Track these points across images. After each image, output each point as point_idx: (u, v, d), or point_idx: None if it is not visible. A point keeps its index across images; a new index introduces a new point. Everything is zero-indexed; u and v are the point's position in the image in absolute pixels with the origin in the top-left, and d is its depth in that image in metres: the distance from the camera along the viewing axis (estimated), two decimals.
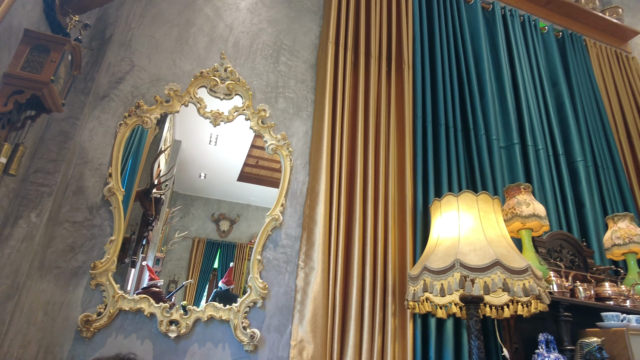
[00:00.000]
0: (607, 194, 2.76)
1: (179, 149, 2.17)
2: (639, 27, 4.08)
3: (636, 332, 1.78)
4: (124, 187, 1.82)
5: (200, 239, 2.07)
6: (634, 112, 3.29)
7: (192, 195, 2.14)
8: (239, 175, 2.22)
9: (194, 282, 1.97)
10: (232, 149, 2.19)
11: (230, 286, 2.01)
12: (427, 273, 1.61)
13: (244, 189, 2.21)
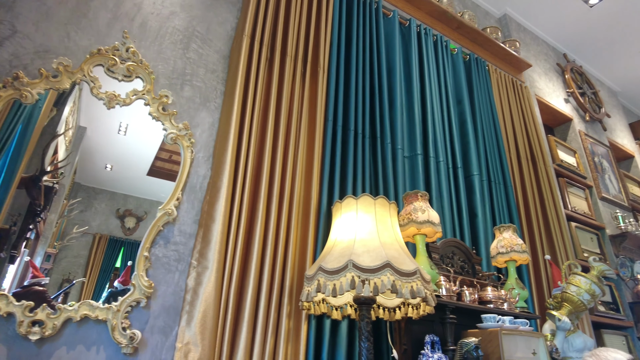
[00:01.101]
0: (497, 206, 3.01)
1: (84, 136, 1.95)
2: (531, 60, 4.57)
3: (508, 332, 1.93)
4: (2, 171, 1.58)
5: (102, 235, 1.86)
6: (523, 136, 3.65)
7: (96, 187, 1.92)
8: (150, 170, 2.05)
9: (90, 282, 1.76)
10: (144, 140, 2.02)
11: (127, 286, 1.83)
12: (321, 273, 1.59)
13: (154, 184, 2.04)
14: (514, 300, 2.36)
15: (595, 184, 4.36)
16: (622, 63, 5.80)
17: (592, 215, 4.10)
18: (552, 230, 3.32)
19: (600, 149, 4.86)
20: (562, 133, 4.75)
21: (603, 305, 3.59)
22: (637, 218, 4.74)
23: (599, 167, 4.60)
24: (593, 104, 5.19)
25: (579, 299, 2.58)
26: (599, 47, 5.49)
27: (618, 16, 5.03)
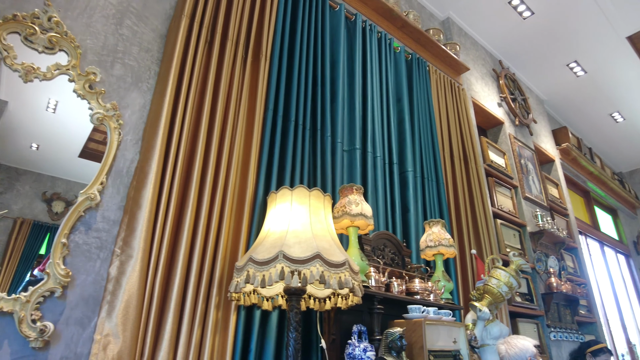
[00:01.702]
0: (429, 202, 3.15)
1: (4, 110, 1.76)
2: (470, 64, 4.79)
3: (431, 322, 2.03)
4: None
5: (25, 219, 1.69)
6: (458, 136, 3.83)
7: (19, 168, 1.75)
8: (82, 151, 1.89)
9: (8, 270, 1.60)
10: (76, 120, 1.86)
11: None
12: (251, 264, 1.58)
13: (87, 166, 1.88)
14: (440, 291, 2.48)
15: (521, 185, 4.69)
16: (549, 74, 6.26)
17: (516, 213, 4.42)
18: (479, 226, 3.53)
19: (527, 152, 5.23)
20: (494, 135, 5.05)
21: (520, 296, 3.88)
22: (553, 217, 5.17)
23: (525, 168, 4.96)
24: (522, 110, 5.57)
25: (498, 291, 2.77)
26: (530, 57, 5.87)
27: (547, 30, 5.41)
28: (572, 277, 4.95)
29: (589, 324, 5.03)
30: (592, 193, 7.57)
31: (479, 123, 4.90)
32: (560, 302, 4.42)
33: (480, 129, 5.00)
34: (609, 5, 5.09)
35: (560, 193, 5.75)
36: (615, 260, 7.80)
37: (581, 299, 4.83)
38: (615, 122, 7.52)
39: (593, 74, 6.29)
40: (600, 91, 6.70)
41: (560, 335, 4.20)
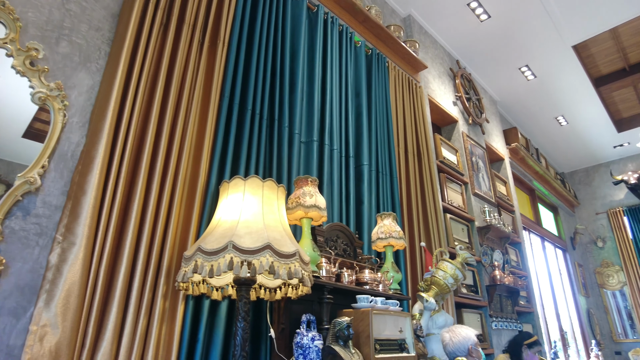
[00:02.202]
0: (382, 195, 3.22)
1: None
2: (428, 62, 4.92)
3: (379, 312, 2.10)
4: None
5: None
6: (413, 132, 3.94)
7: None
8: (26, 131, 1.77)
9: None
10: (20, 98, 1.73)
11: None
12: (200, 254, 1.56)
13: (31, 148, 1.77)
14: (389, 282, 2.56)
15: (471, 181, 4.89)
16: (503, 76, 6.54)
17: (465, 208, 4.61)
18: (429, 220, 3.65)
19: (478, 150, 5.45)
20: (448, 133, 5.23)
21: (466, 287, 4.07)
22: (500, 213, 5.44)
23: (475, 166, 5.17)
24: (476, 109, 5.79)
25: (444, 283, 2.89)
26: (486, 58, 6.10)
27: (503, 34, 5.63)
28: (515, 270, 5.25)
29: (527, 313, 5.37)
30: (537, 191, 8.03)
31: (434, 120, 5.06)
32: (502, 293, 4.68)
33: (435, 126, 5.16)
34: (557, 15, 5.37)
35: (508, 190, 6.06)
36: (554, 254, 8.34)
37: (521, 291, 5.14)
38: (559, 125, 7.99)
39: (542, 79, 6.63)
40: (547, 95, 7.08)
41: (501, 324, 4.46)
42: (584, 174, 9.94)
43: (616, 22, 5.60)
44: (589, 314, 8.56)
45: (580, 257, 9.28)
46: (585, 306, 8.56)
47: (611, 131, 8.27)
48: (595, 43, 6.24)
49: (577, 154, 9.30)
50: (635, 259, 8.70)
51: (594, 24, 5.59)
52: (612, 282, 9.05)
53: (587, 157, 9.47)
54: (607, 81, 6.95)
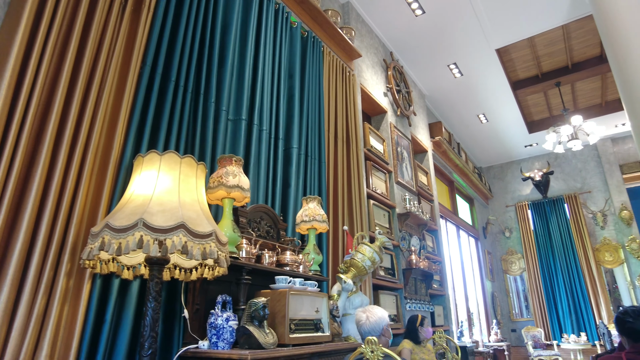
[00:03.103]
0: (310, 179, 3.26)
1: None
2: (363, 51, 5.00)
3: (296, 292, 2.14)
4: None
5: None
6: (343, 119, 4.00)
7: None
8: None
9: None
10: None
11: None
12: (107, 230, 1.47)
13: None
14: (309, 264, 2.61)
15: (395, 170, 5.10)
16: (432, 71, 6.84)
17: (388, 195, 4.81)
18: (354, 205, 3.77)
19: (404, 141, 5.69)
20: (377, 122, 5.39)
21: (383, 270, 4.28)
22: (420, 201, 5.76)
23: (400, 156, 5.40)
24: (405, 102, 6.01)
25: (362, 265, 3.01)
26: (418, 52, 6.34)
27: (435, 31, 5.87)
28: (430, 255, 5.61)
29: (439, 296, 5.78)
30: (456, 183, 8.59)
31: (364, 109, 5.18)
32: (417, 277, 4.98)
33: (365, 115, 5.29)
34: (485, 19, 5.71)
35: (429, 181, 6.41)
36: (467, 242, 9.02)
37: (435, 275, 5.51)
38: (480, 122, 8.58)
39: (468, 77, 7.04)
40: (471, 93, 7.55)
41: (415, 306, 4.76)
42: (499, 170, 10.80)
43: (533, 32, 6.09)
44: (493, 296, 9.43)
45: (490, 245, 10.15)
46: (491, 289, 9.40)
47: (523, 132, 9.05)
48: (515, 49, 6.73)
49: (494, 150, 10.07)
50: (534, 248, 9.70)
51: (515, 31, 6.02)
52: (514, 268, 10.04)
53: (502, 154, 10.29)
54: (523, 85, 7.56)
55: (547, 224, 9.71)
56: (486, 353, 6.97)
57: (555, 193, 9.78)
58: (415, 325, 3.33)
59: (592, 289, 8.78)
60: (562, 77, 7.27)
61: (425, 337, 3.37)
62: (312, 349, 2.08)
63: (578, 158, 9.77)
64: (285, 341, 1.98)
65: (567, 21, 5.89)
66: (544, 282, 9.41)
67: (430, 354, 3.32)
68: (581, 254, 9.06)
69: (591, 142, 7.21)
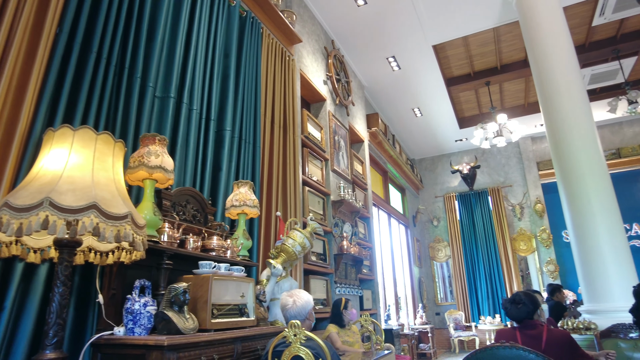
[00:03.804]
0: (243, 163, 3.20)
1: None
2: (304, 37, 4.97)
3: (220, 278, 2.11)
4: None
5: None
6: (281, 104, 3.97)
7: None
8: None
9: None
10: None
11: None
12: (6, 210, 1.34)
13: None
14: (237, 249, 2.58)
15: (331, 158, 5.17)
16: (372, 63, 6.96)
17: (323, 183, 4.87)
18: (288, 191, 3.77)
19: (342, 130, 5.77)
20: (316, 110, 5.41)
21: (315, 256, 4.35)
22: (354, 189, 5.90)
23: (337, 144, 5.47)
24: (344, 91, 6.08)
25: (293, 250, 3.03)
26: (359, 43, 6.41)
27: (376, 23, 5.97)
28: (361, 242, 5.79)
29: (368, 280, 5.99)
30: (390, 173, 8.89)
31: (303, 95, 5.17)
32: (348, 262, 5.12)
33: (304, 102, 5.29)
34: (424, 14, 5.89)
35: (364, 170, 6.58)
36: (398, 229, 9.42)
37: (365, 260, 5.70)
38: (415, 116, 8.91)
39: (405, 71, 7.26)
40: (408, 87, 7.80)
41: (344, 290, 4.89)
42: (430, 162, 11.33)
43: (468, 31, 6.39)
44: (420, 282, 9.95)
45: (419, 233, 10.66)
46: (418, 275, 9.92)
47: (454, 127, 9.54)
48: (451, 47, 7.04)
49: (426, 143, 10.53)
50: (459, 236, 10.35)
51: (452, 29, 6.29)
52: (441, 256, 10.65)
53: (434, 147, 10.80)
54: (456, 82, 7.94)
55: (472, 214, 10.38)
56: (411, 335, 7.37)
57: (481, 186, 10.46)
58: (339, 308, 3.42)
59: (508, 275, 9.56)
60: (491, 77, 7.73)
61: (350, 320, 3.49)
62: (235, 333, 2.07)
63: (502, 154, 10.50)
64: (206, 326, 1.95)
65: (497, 24, 6.24)
66: (466, 269, 10.08)
67: (354, 336, 3.44)
68: (500, 243, 9.80)
69: (513, 139, 7.77)
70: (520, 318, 2.37)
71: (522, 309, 2.37)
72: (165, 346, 1.59)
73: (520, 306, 2.38)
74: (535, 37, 5.07)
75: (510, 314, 2.40)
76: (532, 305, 2.37)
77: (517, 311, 2.37)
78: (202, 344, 1.84)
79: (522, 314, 2.36)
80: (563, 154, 4.53)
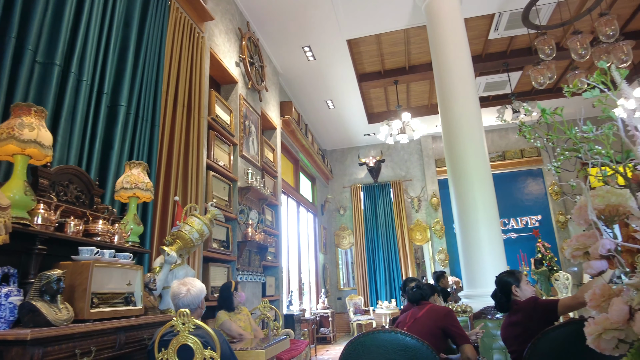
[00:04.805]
0: (139, 143, 2.99)
1: None
2: (217, 15, 4.77)
3: (103, 264, 1.96)
4: None
5: None
6: (186, 83, 3.78)
7: None
8: None
9: None
10: None
11: None
12: None
13: None
14: (126, 234, 2.42)
15: (240, 143, 5.07)
16: (288, 50, 6.93)
17: (230, 168, 4.77)
18: (190, 175, 3.62)
19: (253, 115, 5.68)
20: (226, 92, 5.25)
21: (217, 243, 4.25)
22: (263, 176, 5.86)
23: (248, 130, 5.38)
24: (258, 76, 5.98)
25: (189, 237, 2.93)
26: (276, 29, 6.33)
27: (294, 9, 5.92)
28: (268, 229, 5.79)
29: (273, 267, 6.03)
30: (301, 162, 8.99)
31: (214, 76, 4.99)
32: (252, 249, 5.09)
33: (214, 83, 5.10)
34: (340, 8, 5.99)
35: (275, 157, 6.56)
36: (306, 217, 9.60)
37: (270, 247, 5.72)
38: (328, 107, 9.09)
39: (320, 62, 7.34)
40: (322, 78, 7.91)
41: (246, 277, 4.87)
42: (340, 154, 11.68)
43: (381, 30, 6.64)
44: (324, 268, 10.28)
45: (326, 221, 10.98)
46: (323, 262, 10.24)
47: (364, 121, 9.92)
48: (364, 43, 7.26)
49: (338, 135, 10.82)
50: (363, 225, 10.87)
51: (366, 25, 6.48)
52: (345, 243, 11.10)
53: (344, 139, 11.14)
54: (367, 79, 8.23)
55: (375, 205, 10.94)
56: (312, 320, 7.60)
57: (385, 179, 11.06)
58: (230, 291, 3.39)
59: (404, 262, 10.29)
60: (400, 77, 8.14)
61: (240, 302, 3.47)
62: (118, 323, 1.95)
63: (405, 150, 11.19)
64: (84, 316, 1.81)
65: (408, 26, 6.57)
66: (367, 256, 10.64)
67: (246, 318, 3.44)
68: (399, 233, 10.50)
69: (415, 137, 8.31)
70: (416, 300, 2.78)
71: (417, 292, 2.79)
72: (28, 340, 1.44)
73: (416, 290, 2.80)
74: (438, 42, 5.45)
75: (409, 296, 2.83)
76: (429, 290, 2.90)
77: (413, 294, 2.80)
78: (77, 336, 1.70)
79: (417, 296, 2.79)
80: (454, 153, 4.96)
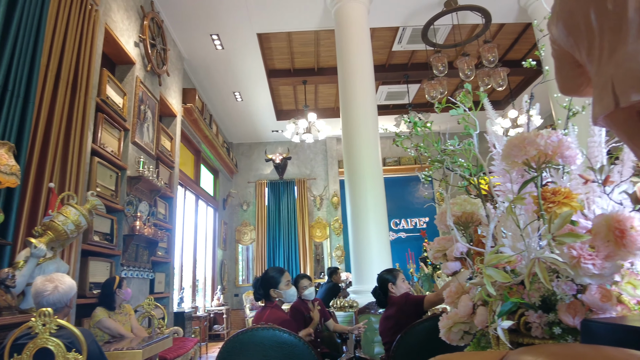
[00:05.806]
0: (8, 120, 2.63)
1: None
2: None
3: None
4: None
5: None
6: (72, 59, 3.41)
7: None
8: None
9: None
10: None
11: None
12: None
13: None
14: None
15: (133, 129, 4.72)
16: (195, 36, 6.64)
17: (120, 155, 4.42)
18: (69, 160, 3.28)
19: (151, 100, 5.33)
20: (122, 73, 4.86)
21: (99, 235, 3.92)
22: (158, 166, 5.54)
23: (143, 115, 5.03)
24: (159, 59, 5.63)
25: (63, 229, 2.67)
26: (182, 11, 6.02)
27: None
28: (160, 223, 5.49)
29: (164, 263, 5.73)
30: (203, 154, 8.68)
31: (109, 54, 4.59)
32: (140, 243, 4.78)
33: (109, 61, 4.69)
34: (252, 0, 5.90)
35: (173, 147, 6.24)
36: (205, 211, 9.29)
37: (161, 242, 5.43)
38: (236, 100, 8.91)
39: (228, 52, 7.16)
40: (230, 69, 7.73)
41: (132, 273, 4.56)
42: (247, 148, 11.53)
43: (292, 28, 6.68)
44: (222, 264, 10.06)
45: (227, 216, 10.75)
46: (221, 258, 10.00)
47: (272, 117, 9.92)
48: (275, 39, 7.24)
49: (245, 129, 10.66)
50: (265, 221, 10.87)
51: (278, 22, 6.47)
52: (246, 239, 10.99)
53: (252, 134, 11.02)
54: (277, 75, 8.23)
55: (279, 201, 11.00)
56: (204, 317, 7.38)
57: (290, 176, 11.16)
58: (112, 288, 3.16)
59: (304, 258, 10.51)
60: (308, 77, 8.28)
61: (124, 300, 3.26)
62: None
63: (311, 149, 11.42)
64: None
65: (318, 28, 6.71)
66: (268, 252, 10.66)
67: (128, 318, 3.24)
68: (300, 229, 10.69)
69: (320, 138, 8.52)
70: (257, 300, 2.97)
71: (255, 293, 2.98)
72: None
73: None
74: (344, 47, 5.66)
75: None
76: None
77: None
78: None
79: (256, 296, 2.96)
80: (351, 155, 5.20)
